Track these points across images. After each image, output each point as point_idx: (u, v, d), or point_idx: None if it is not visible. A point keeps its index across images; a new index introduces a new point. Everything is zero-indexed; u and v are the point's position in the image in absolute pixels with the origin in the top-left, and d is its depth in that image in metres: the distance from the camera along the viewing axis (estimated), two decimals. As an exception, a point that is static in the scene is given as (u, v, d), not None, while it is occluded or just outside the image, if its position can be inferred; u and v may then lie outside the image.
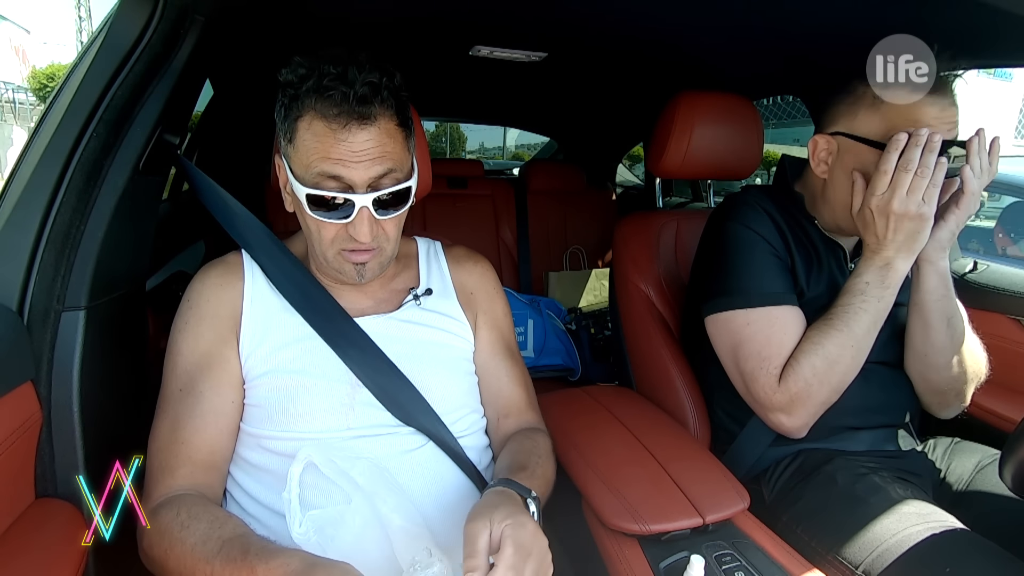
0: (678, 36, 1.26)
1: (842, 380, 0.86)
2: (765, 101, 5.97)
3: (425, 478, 0.72)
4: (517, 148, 11.74)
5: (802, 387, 0.85)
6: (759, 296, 0.91)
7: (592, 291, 2.20)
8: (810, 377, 0.85)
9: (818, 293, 0.94)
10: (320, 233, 0.71)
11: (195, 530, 0.61)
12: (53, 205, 0.68)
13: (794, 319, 0.90)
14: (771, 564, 0.69)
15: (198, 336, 0.73)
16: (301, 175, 0.68)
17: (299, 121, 0.67)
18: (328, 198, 0.67)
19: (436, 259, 0.88)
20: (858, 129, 0.87)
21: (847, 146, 0.88)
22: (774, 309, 0.90)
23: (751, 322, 0.90)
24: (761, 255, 0.92)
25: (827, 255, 0.96)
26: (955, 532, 0.73)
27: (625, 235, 1.23)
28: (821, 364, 0.85)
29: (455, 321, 0.83)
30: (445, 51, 1.47)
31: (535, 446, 0.78)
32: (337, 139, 0.65)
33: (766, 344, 0.89)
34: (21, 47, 20.12)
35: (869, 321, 0.85)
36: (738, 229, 0.94)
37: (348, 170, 0.66)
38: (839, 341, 0.84)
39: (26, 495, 0.67)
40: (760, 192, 1.01)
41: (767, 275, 0.92)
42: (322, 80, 0.64)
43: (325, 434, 0.70)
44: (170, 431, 0.70)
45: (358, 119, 0.65)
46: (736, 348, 0.92)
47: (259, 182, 1.77)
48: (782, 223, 0.96)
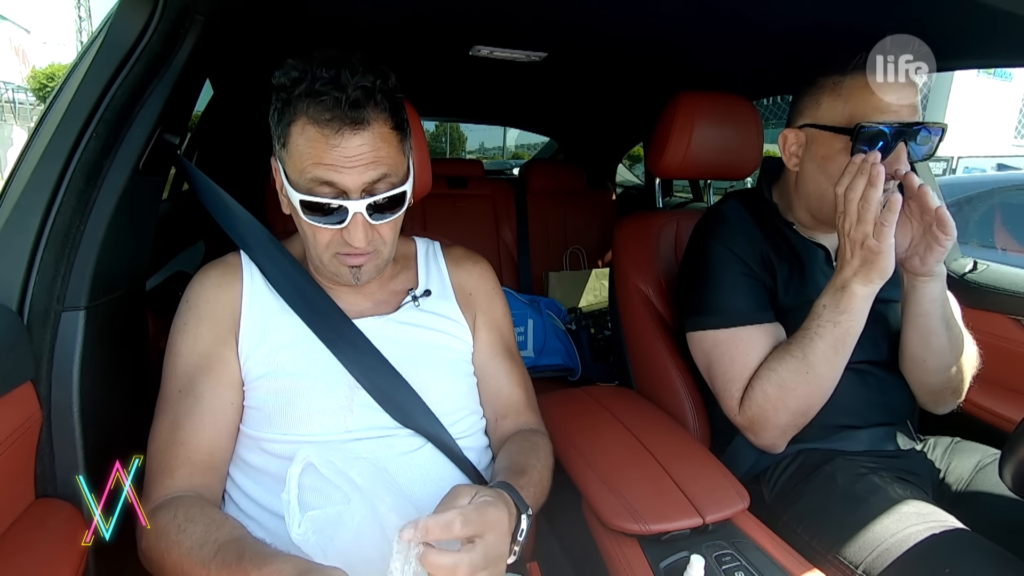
0: (678, 36, 1.26)
1: (803, 404, 0.86)
2: (765, 101, 5.98)
3: (424, 479, 0.72)
4: (517, 148, 11.75)
5: (756, 412, 0.87)
6: (726, 316, 0.93)
7: (592, 291, 2.20)
8: (763, 403, 0.86)
9: (801, 301, 0.93)
10: (315, 237, 0.70)
11: (191, 533, 0.61)
12: (53, 205, 0.68)
13: (760, 339, 0.91)
14: (771, 564, 0.69)
15: (197, 337, 0.73)
16: (295, 180, 0.67)
17: (292, 126, 0.66)
18: (322, 204, 0.66)
19: (435, 260, 0.88)
20: (822, 118, 0.88)
21: (813, 136, 0.90)
22: (740, 330, 0.92)
23: (719, 343, 0.93)
24: (733, 274, 0.94)
25: (810, 260, 0.97)
26: (955, 532, 0.73)
27: (625, 235, 1.23)
28: (773, 391, 0.86)
29: (453, 322, 0.83)
30: (445, 51, 1.47)
31: (534, 448, 0.77)
32: (330, 144, 0.64)
33: (730, 365, 0.91)
34: (21, 47, 20.13)
35: (825, 347, 0.82)
36: (713, 247, 0.97)
37: (341, 176, 0.65)
38: (793, 367, 0.84)
39: (26, 495, 0.67)
40: (740, 203, 1.02)
41: (737, 294, 0.93)
42: (314, 84, 0.63)
43: (324, 436, 0.70)
44: (169, 432, 0.70)
45: (351, 124, 0.64)
46: (707, 368, 0.96)
47: (259, 182, 1.77)
48: (761, 234, 0.97)
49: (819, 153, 0.89)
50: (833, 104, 0.87)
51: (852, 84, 0.85)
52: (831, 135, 0.87)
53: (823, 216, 0.93)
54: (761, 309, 0.93)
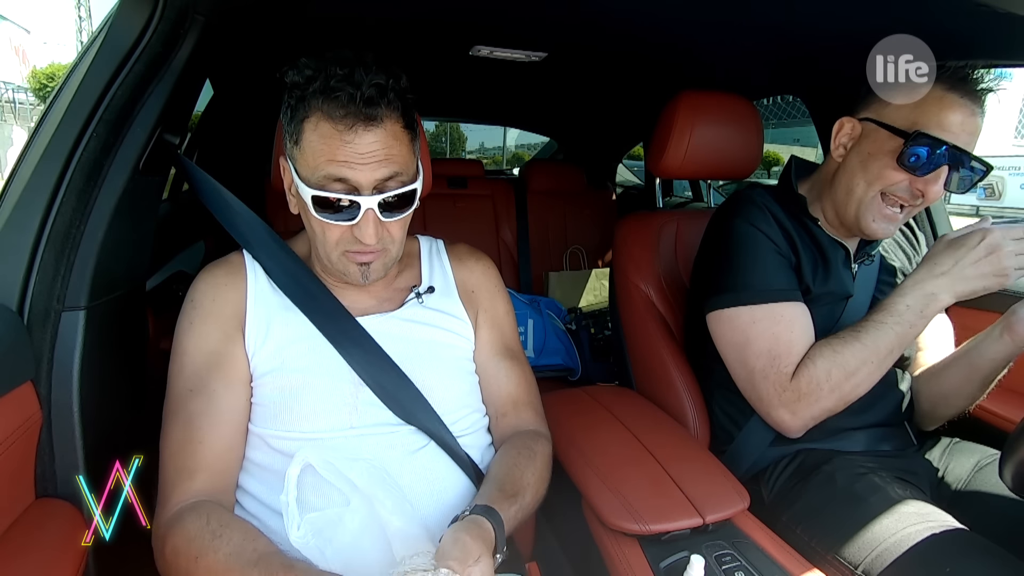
0: (678, 36, 1.26)
1: (853, 392, 0.86)
2: (765, 101, 5.97)
3: (427, 479, 0.72)
4: (517, 148, 11.74)
5: (813, 388, 0.86)
6: (764, 292, 0.90)
7: (592, 291, 2.20)
8: (822, 382, 0.85)
9: (824, 291, 0.94)
10: (325, 235, 0.71)
11: (229, 539, 0.60)
12: (53, 205, 0.68)
13: (799, 316, 0.90)
14: (771, 564, 0.69)
15: (204, 335, 0.73)
16: (307, 177, 0.68)
17: (305, 123, 0.66)
18: (333, 200, 0.67)
19: (438, 257, 0.88)
20: (888, 117, 0.87)
21: (870, 131, 0.89)
22: (778, 306, 0.90)
23: (757, 319, 0.90)
24: (765, 252, 0.92)
25: (833, 254, 0.96)
26: (954, 532, 0.73)
27: (625, 235, 1.23)
28: (837, 372, 0.85)
29: (457, 320, 0.83)
30: (445, 51, 1.47)
31: (531, 457, 0.76)
32: (343, 141, 0.65)
33: (775, 342, 0.89)
34: (21, 47, 20.11)
35: (895, 343, 0.84)
36: (743, 226, 0.94)
37: (354, 172, 0.66)
38: (861, 355, 0.84)
39: (26, 495, 0.67)
40: (765, 191, 1.02)
41: (771, 272, 0.91)
42: (329, 81, 0.64)
43: (328, 433, 0.70)
44: (184, 431, 0.68)
45: (364, 120, 0.64)
46: (743, 346, 0.92)
47: (259, 182, 1.77)
48: (787, 222, 0.96)
49: (867, 149, 0.89)
50: (902, 107, 0.86)
51: (934, 93, 0.83)
52: (887, 135, 0.86)
53: (845, 217, 0.93)
54: (795, 289, 0.92)
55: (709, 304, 0.96)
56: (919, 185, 0.85)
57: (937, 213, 1.35)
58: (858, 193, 0.89)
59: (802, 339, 0.89)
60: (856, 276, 0.97)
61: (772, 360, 0.88)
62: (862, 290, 0.96)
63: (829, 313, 0.94)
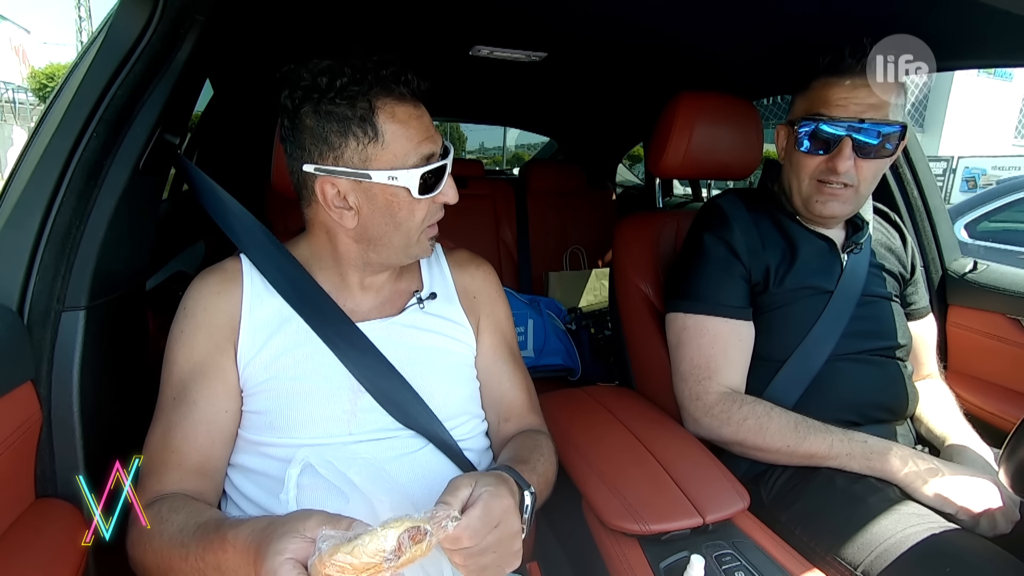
0: (678, 36, 1.26)
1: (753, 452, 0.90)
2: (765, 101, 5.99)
3: (426, 480, 0.72)
4: (517, 148, 11.75)
5: (723, 419, 0.91)
6: (697, 303, 0.97)
7: (592, 291, 2.20)
8: (737, 419, 0.90)
9: (800, 286, 0.96)
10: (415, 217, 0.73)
11: (173, 521, 0.61)
12: (53, 205, 0.68)
13: (727, 333, 0.95)
14: (771, 564, 0.69)
15: (193, 346, 0.73)
16: (404, 162, 0.69)
17: (377, 115, 0.68)
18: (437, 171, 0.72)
19: (437, 262, 0.88)
20: (792, 114, 0.97)
21: (784, 131, 0.99)
22: (710, 319, 0.95)
23: (687, 327, 0.97)
24: (718, 268, 0.97)
25: (808, 248, 0.99)
26: (954, 532, 0.73)
27: (625, 235, 1.23)
28: (752, 423, 0.89)
29: (458, 326, 0.83)
30: (445, 51, 1.47)
31: (537, 445, 0.78)
32: (418, 116, 0.70)
33: (697, 352, 0.95)
34: (21, 47, 20.14)
35: (825, 453, 0.85)
36: (701, 236, 1.01)
37: (437, 144, 0.72)
38: (786, 435, 0.87)
39: (26, 495, 0.67)
40: (737, 195, 1.06)
41: (714, 285, 0.97)
42: (380, 71, 0.68)
43: (326, 440, 0.70)
44: (161, 439, 0.70)
45: (419, 97, 0.71)
46: (675, 348, 1.00)
47: (259, 182, 1.77)
48: (754, 224, 1.00)
49: (787, 147, 0.98)
50: (800, 101, 0.95)
51: (816, 83, 0.91)
52: (790, 128, 0.96)
53: (803, 209, 0.98)
54: (737, 306, 0.96)
55: (664, 306, 1.04)
56: (831, 163, 0.90)
57: (937, 213, 1.35)
58: (795, 186, 0.97)
59: (722, 355, 0.94)
60: (845, 267, 0.98)
61: (692, 368, 0.96)
62: (851, 281, 0.98)
63: (809, 307, 0.96)
